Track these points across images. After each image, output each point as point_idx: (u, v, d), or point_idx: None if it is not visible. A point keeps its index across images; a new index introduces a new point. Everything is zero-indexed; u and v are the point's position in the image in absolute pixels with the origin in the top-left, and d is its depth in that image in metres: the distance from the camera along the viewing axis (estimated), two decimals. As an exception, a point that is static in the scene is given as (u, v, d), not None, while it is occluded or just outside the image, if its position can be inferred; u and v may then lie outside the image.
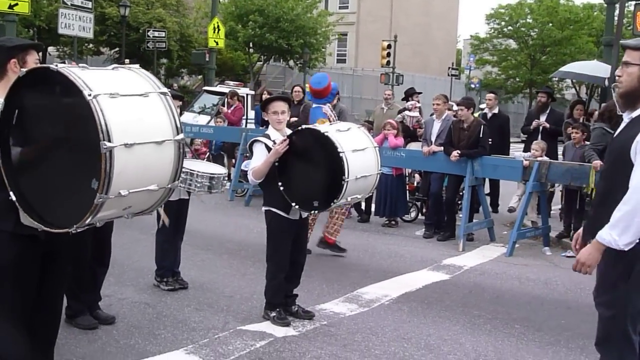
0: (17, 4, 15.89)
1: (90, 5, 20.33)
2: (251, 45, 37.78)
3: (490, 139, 9.59)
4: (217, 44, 24.89)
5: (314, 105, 8.63)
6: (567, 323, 6.11)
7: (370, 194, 6.00)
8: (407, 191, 11.08)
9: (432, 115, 10.35)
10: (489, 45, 50.38)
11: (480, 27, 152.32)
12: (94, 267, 5.40)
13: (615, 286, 3.56)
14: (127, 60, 16.04)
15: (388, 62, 36.40)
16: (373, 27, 52.54)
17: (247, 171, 12.63)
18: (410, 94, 12.81)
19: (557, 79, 39.91)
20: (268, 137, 5.58)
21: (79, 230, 3.15)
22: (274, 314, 5.66)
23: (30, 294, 3.64)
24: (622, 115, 3.72)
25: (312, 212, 5.61)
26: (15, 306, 3.60)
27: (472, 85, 49.84)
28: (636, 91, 3.56)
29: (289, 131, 5.68)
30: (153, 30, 30.11)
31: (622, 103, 3.66)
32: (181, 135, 3.33)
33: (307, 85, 11.36)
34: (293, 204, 5.45)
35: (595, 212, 3.78)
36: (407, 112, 11.69)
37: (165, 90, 3.38)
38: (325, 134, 5.28)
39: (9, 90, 3.25)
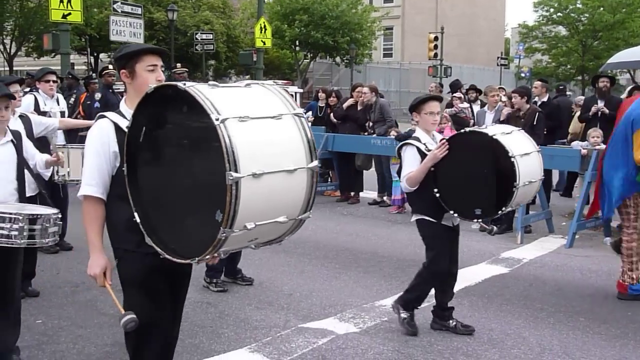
0: (70, 14, 16.36)
1: (139, 11, 20.73)
2: (297, 43, 37.96)
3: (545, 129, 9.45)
4: (264, 43, 25.08)
5: None
6: (634, 315, 5.97)
7: (530, 201, 5.74)
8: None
9: (484, 106, 10.23)
10: (538, 33, 49.49)
11: (528, 14, 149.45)
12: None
13: None
14: (178, 65, 16.29)
15: (435, 55, 36.09)
16: (418, 19, 52.20)
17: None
18: (457, 87, 12.73)
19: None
20: (418, 139, 5.23)
21: (200, 263, 2.96)
22: (405, 315, 5.36)
23: (166, 306, 3.49)
24: None
25: (474, 220, 5.28)
26: (155, 321, 3.42)
27: (523, 75, 49.02)
28: None
29: (438, 135, 5.42)
30: (201, 33, 30.52)
31: None
32: (315, 163, 3.00)
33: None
34: (451, 212, 5.14)
35: None
36: (461, 105, 11.60)
37: (300, 111, 3.07)
38: (494, 137, 4.98)
39: (137, 107, 3.07)
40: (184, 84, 2.82)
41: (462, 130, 5.25)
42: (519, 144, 5.10)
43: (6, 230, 4.04)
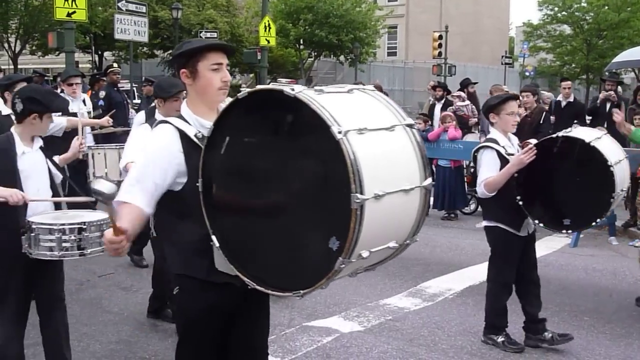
0: (74, 12, 16.34)
1: (144, 9, 20.73)
2: (301, 42, 37.97)
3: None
4: (268, 42, 25.05)
5: None
6: (639, 314, 5.96)
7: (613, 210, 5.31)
8: (466, 183, 10.97)
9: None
10: (542, 32, 49.28)
11: (532, 13, 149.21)
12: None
13: None
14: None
15: (440, 53, 36.04)
16: (423, 18, 52.10)
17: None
18: (465, 85, 12.67)
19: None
20: (496, 142, 4.88)
21: (305, 296, 2.53)
22: (501, 338, 5.06)
23: (216, 350, 3.06)
24: None
25: (563, 232, 5.08)
26: None
27: (527, 73, 48.89)
28: None
29: (514, 137, 5.12)
30: (205, 31, 30.53)
31: None
32: (429, 180, 2.65)
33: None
34: (535, 222, 4.93)
35: None
36: (459, 104, 11.51)
37: (410, 121, 2.69)
38: (591, 144, 4.74)
39: (222, 113, 2.67)
40: (292, 89, 2.44)
41: (554, 135, 4.99)
42: (612, 151, 4.90)
43: (56, 242, 3.84)
